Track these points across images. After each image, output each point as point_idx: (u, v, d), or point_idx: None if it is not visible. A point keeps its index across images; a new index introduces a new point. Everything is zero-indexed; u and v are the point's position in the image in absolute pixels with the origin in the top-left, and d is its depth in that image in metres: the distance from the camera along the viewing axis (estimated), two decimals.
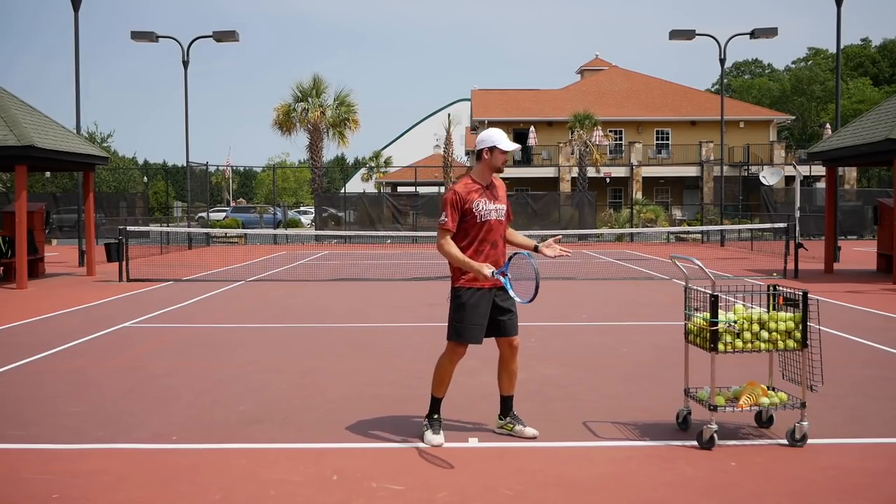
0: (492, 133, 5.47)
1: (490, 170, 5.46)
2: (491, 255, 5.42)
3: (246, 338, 10.03)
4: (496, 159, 5.43)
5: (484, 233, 5.41)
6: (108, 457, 5.24)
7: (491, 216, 5.40)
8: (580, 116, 39.24)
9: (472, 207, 5.36)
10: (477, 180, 5.46)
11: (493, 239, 5.43)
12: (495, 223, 5.42)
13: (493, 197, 5.43)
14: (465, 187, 5.43)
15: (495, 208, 5.42)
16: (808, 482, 4.70)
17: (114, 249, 22.24)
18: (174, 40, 29.51)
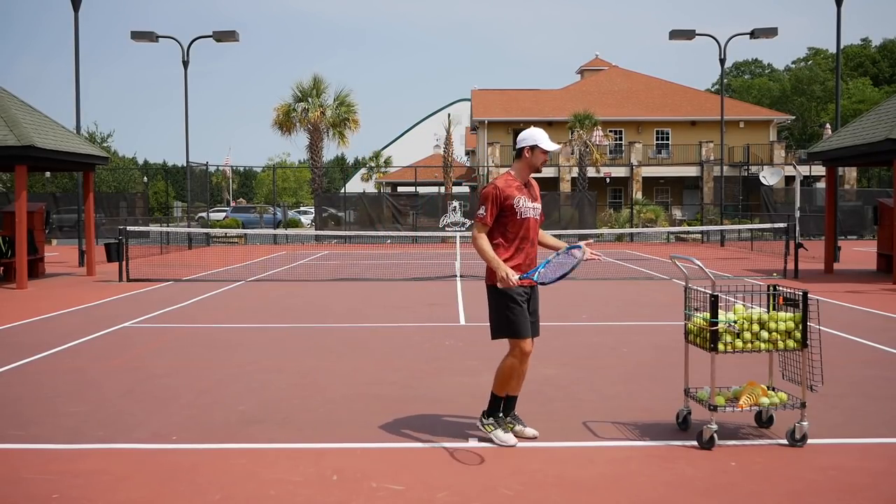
0: (534, 132, 5.44)
1: (529, 168, 5.46)
2: (530, 254, 5.44)
3: (246, 338, 10.03)
4: (536, 158, 5.43)
5: (524, 230, 5.41)
6: (108, 457, 5.24)
7: (529, 214, 5.41)
8: (580, 116, 39.24)
9: (512, 203, 5.35)
10: (516, 177, 5.45)
11: (532, 237, 5.45)
12: (533, 221, 5.44)
13: (530, 195, 5.44)
14: (506, 183, 5.41)
15: (533, 206, 5.43)
16: (808, 482, 4.71)
17: (114, 249, 22.25)
18: (174, 40, 29.53)
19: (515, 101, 49.26)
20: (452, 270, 18.07)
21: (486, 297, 5.46)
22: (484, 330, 10.41)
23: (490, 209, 5.34)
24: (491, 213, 5.35)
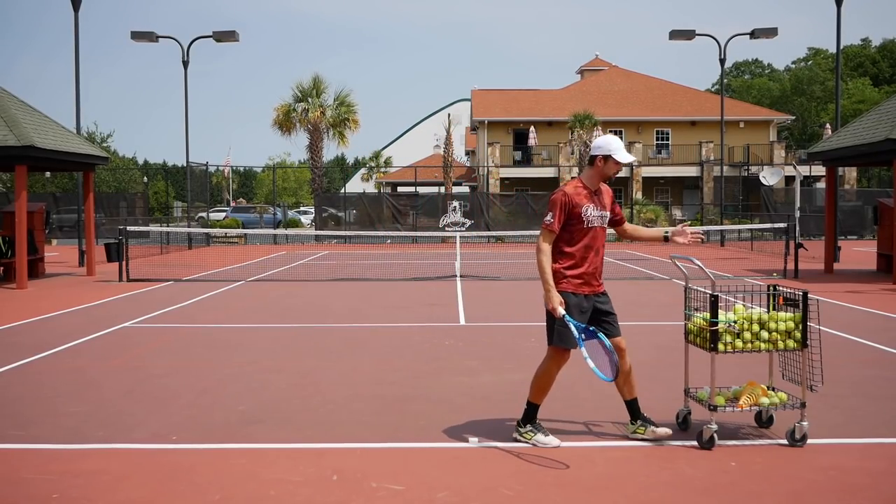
0: (609, 141, 5.37)
1: (600, 177, 5.40)
2: (594, 263, 5.39)
3: (246, 338, 10.03)
4: (609, 168, 5.37)
5: (589, 239, 5.35)
6: (108, 457, 5.24)
7: (596, 223, 5.36)
8: (580, 116, 39.24)
9: (580, 212, 5.29)
10: (586, 184, 5.40)
11: (597, 246, 5.40)
12: (600, 231, 5.40)
13: (599, 203, 5.38)
14: (575, 190, 5.35)
15: (600, 215, 5.38)
16: (808, 482, 4.70)
17: (114, 249, 22.25)
18: (174, 40, 29.53)
19: (515, 101, 49.26)
20: (452, 270, 18.07)
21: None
22: (484, 330, 10.45)
23: (558, 216, 5.29)
24: (559, 219, 5.29)
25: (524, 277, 17.12)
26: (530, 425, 5.46)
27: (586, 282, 5.37)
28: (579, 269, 5.34)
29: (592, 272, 5.39)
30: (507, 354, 8.67)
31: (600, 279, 5.48)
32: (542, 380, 5.44)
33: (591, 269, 5.39)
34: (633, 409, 5.55)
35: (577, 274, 5.34)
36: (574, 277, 5.34)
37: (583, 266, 5.35)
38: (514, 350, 8.94)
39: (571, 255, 5.34)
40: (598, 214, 5.37)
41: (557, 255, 5.36)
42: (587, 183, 5.41)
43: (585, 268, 5.36)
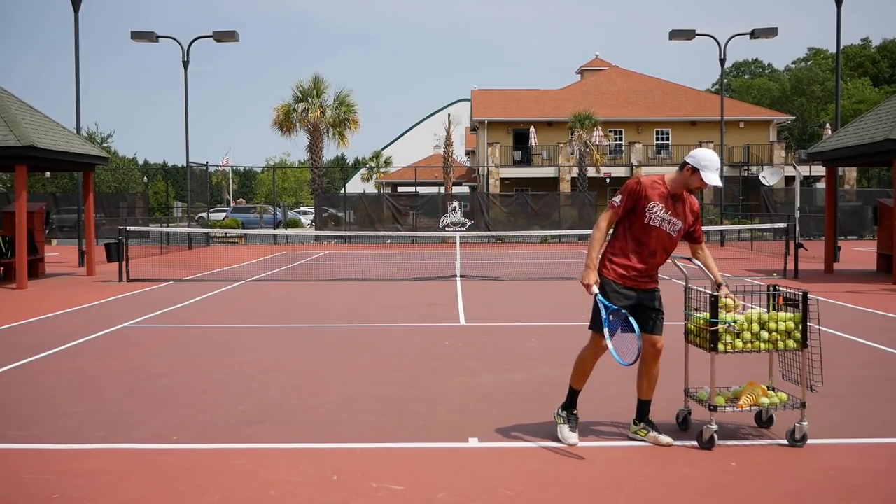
0: (706, 157, 5.30)
1: (682, 184, 5.33)
2: (648, 262, 5.31)
3: (246, 338, 10.03)
4: (692, 181, 5.30)
5: (645, 237, 5.27)
6: (108, 457, 5.24)
7: (661, 224, 5.25)
8: (580, 116, 39.24)
9: (646, 205, 5.24)
10: (667, 185, 5.34)
11: (655, 248, 5.29)
12: (663, 234, 5.27)
13: (672, 208, 5.28)
14: (652, 184, 5.32)
15: (670, 219, 5.26)
16: (808, 482, 4.70)
17: (114, 249, 22.24)
18: (174, 40, 29.52)
19: (515, 101, 49.25)
20: (452, 270, 18.07)
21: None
22: (484, 330, 10.45)
23: (625, 201, 5.27)
24: (625, 204, 5.27)
25: (524, 277, 17.11)
26: (565, 411, 5.49)
27: (633, 278, 5.31)
28: (627, 261, 5.30)
29: (643, 270, 5.31)
30: (507, 354, 8.67)
31: (653, 278, 5.40)
32: (578, 364, 5.50)
33: (643, 267, 5.30)
34: (643, 410, 5.53)
35: (622, 265, 5.30)
36: (619, 267, 5.31)
37: (632, 260, 5.29)
38: (514, 350, 8.94)
39: (623, 246, 5.32)
40: (667, 218, 5.26)
41: (614, 239, 5.38)
42: (669, 184, 5.34)
43: (635, 263, 5.29)
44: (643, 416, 5.52)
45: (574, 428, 5.44)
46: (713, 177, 5.25)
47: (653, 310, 5.38)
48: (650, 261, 5.32)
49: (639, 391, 5.55)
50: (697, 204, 5.49)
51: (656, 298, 5.41)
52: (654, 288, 5.43)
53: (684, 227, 5.36)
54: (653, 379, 5.50)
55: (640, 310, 5.35)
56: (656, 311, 5.40)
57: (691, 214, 5.40)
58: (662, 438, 5.40)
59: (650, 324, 5.37)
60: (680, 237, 5.41)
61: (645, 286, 5.36)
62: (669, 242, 5.33)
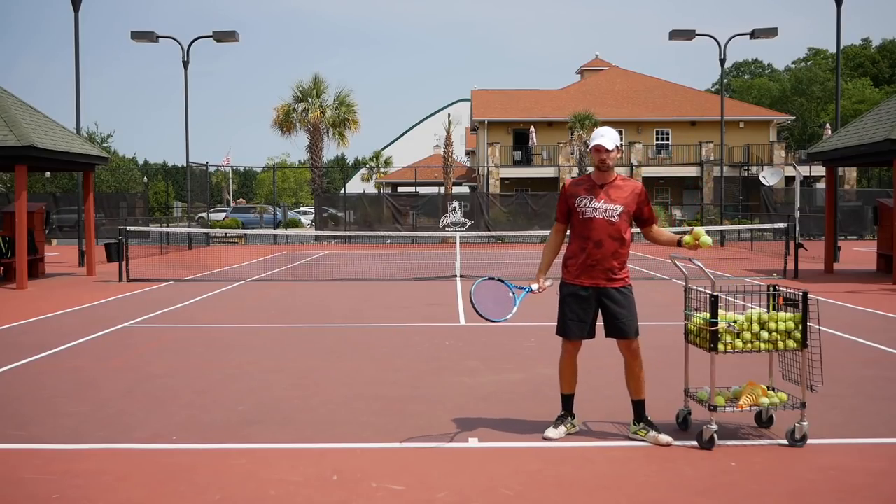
0: (596, 132, 5.46)
1: (596, 168, 5.44)
2: (593, 254, 5.36)
3: (246, 338, 10.03)
4: (595, 157, 5.41)
5: (587, 229, 5.37)
6: (108, 457, 5.24)
7: (595, 214, 5.34)
8: (580, 116, 39.23)
9: (574, 203, 5.41)
10: (592, 177, 5.48)
11: (599, 237, 5.33)
12: (602, 222, 5.33)
13: (605, 195, 5.34)
14: (575, 181, 5.54)
15: (604, 207, 5.33)
16: (808, 482, 4.70)
17: (114, 249, 22.24)
18: (174, 40, 29.52)
19: (515, 101, 49.25)
20: (452, 270, 18.06)
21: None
22: (484, 330, 10.44)
23: (559, 207, 5.55)
24: (560, 210, 5.54)
25: (524, 278, 17.09)
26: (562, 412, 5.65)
27: (584, 272, 5.40)
28: (576, 258, 5.43)
29: (592, 264, 5.37)
30: (507, 354, 8.67)
31: (611, 273, 5.38)
32: (559, 370, 5.67)
33: (590, 260, 5.37)
34: (638, 410, 5.55)
35: (573, 264, 5.45)
36: (572, 266, 5.47)
37: (579, 256, 5.40)
38: (514, 350, 8.94)
39: (573, 246, 5.50)
40: (601, 206, 5.34)
41: (566, 245, 5.57)
42: (593, 176, 5.47)
43: (582, 258, 5.39)
44: (640, 416, 5.54)
45: (557, 425, 5.57)
46: (599, 139, 5.36)
47: (618, 314, 5.39)
48: (597, 251, 5.35)
49: (629, 392, 5.60)
50: (640, 186, 5.49)
51: (620, 301, 5.38)
52: (617, 287, 5.39)
53: (627, 210, 5.37)
54: (637, 378, 5.53)
55: (606, 314, 5.43)
56: (622, 315, 5.39)
57: (633, 196, 5.41)
58: (662, 438, 5.40)
59: (617, 327, 5.42)
60: (627, 222, 5.40)
61: (605, 283, 5.37)
62: (612, 228, 5.34)
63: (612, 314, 5.41)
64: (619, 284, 5.40)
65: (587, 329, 5.47)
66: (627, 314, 5.41)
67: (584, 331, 5.47)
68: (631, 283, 5.50)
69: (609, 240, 5.34)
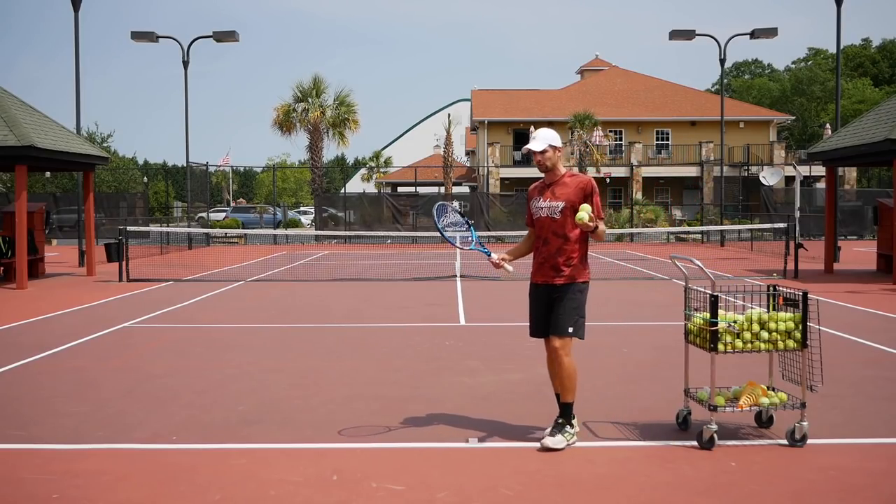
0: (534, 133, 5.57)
1: (543, 168, 5.48)
2: (542, 252, 5.46)
3: (246, 338, 10.03)
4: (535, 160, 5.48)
5: (539, 229, 5.50)
6: (108, 457, 5.24)
7: (541, 213, 5.44)
8: (580, 116, 39.23)
9: (531, 205, 5.56)
10: (544, 179, 5.55)
11: (545, 235, 5.43)
12: (546, 220, 5.42)
13: (550, 195, 5.41)
14: (533, 186, 5.64)
15: (548, 206, 5.41)
16: (808, 482, 4.70)
17: (114, 249, 22.24)
18: (174, 40, 29.52)
19: (515, 101, 49.25)
20: (452, 270, 18.07)
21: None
22: (484, 330, 10.45)
23: (527, 210, 5.63)
24: (527, 213, 5.63)
25: (524, 278, 17.08)
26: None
27: (538, 270, 5.51)
28: (534, 258, 5.55)
29: (542, 262, 5.46)
30: (507, 354, 8.67)
31: (556, 270, 5.37)
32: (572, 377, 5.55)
33: (541, 258, 5.47)
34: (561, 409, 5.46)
35: (533, 263, 5.56)
36: (532, 266, 5.56)
37: (535, 256, 5.53)
38: (514, 350, 8.93)
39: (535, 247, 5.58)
40: (546, 205, 5.42)
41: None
42: (545, 177, 5.55)
43: (537, 258, 5.51)
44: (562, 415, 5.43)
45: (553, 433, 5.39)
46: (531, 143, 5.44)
47: (552, 309, 5.38)
48: (545, 249, 5.44)
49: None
50: (587, 181, 5.41)
51: (563, 294, 5.35)
52: (563, 284, 5.36)
53: (570, 206, 5.32)
54: (557, 377, 5.44)
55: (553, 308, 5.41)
56: (555, 311, 5.35)
57: (578, 191, 5.35)
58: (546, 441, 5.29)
59: (551, 322, 5.39)
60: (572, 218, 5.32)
61: (553, 280, 5.39)
62: (556, 225, 5.38)
63: (552, 309, 5.40)
64: (564, 281, 5.37)
65: (546, 327, 5.46)
66: (563, 311, 5.33)
67: (543, 329, 5.47)
68: (584, 281, 5.42)
69: (553, 236, 5.39)
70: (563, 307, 5.34)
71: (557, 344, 5.35)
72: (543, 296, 5.46)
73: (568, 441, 5.36)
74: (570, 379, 5.41)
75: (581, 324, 5.39)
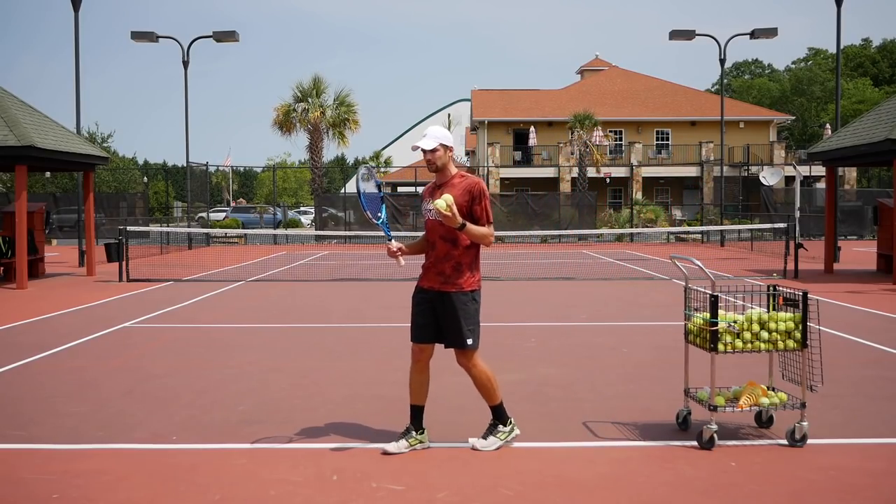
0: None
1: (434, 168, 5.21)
2: (430, 256, 5.26)
3: (246, 338, 10.03)
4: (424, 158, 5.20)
5: (427, 232, 5.27)
6: (108, 457, 5.24)
7: (428, 215, 5.21)
8: (580, 116, 39.22)
9: (423, 207, 5.32)
10: (435, 180, 5.31)
11: (432, 239, 5.21)
12: (434, 224, 5.16)
13: (438, 196, 5.10)
14: (426, 188, 5.38)
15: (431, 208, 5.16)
16: (808, 482, 4.70)
17: (114, 249, 22.24)
18: (174, 40, 29.52)
19: (515, 101, 49.25)
20: None
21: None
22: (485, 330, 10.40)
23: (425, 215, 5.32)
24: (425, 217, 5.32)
25: (524, 277, 17.10)
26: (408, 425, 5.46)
27: (424, 275, 5.33)
28: (424, 262, 5.34)
29: (429, 267, 5.27)
30: (507, 354, 8.67)
31: (443, 277, 5.18)
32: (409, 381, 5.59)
33: (428, 263, 5.27)
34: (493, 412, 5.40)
35: (422, 266, 5.36)
36: (421, 270, 5.38)
37: (425, 260, 5.32)
38: (514, 350, 8.93)
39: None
40: (432, 207, 5.13)
41: None
42: (436, 178, 5.30)
43: (425, 262, 5.32)
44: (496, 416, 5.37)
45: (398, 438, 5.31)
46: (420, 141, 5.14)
47: (445, 320, 5.22)
48: (432, 253, 5.23)
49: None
50: (475, 183, 5.14)
51: (448, 309, 5.19)
52: (450, 292, 5.17)
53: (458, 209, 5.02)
54: (481, 387, 5.36)
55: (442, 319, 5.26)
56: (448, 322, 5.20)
57: (465, 194, 5.08)
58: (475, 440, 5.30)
59: (446, 336, 5.25)
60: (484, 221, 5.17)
61: (439, 287, 5.19)
62: (441, 228, 5.12)
63: (442, 321, 5.23)
64: (452, 289, 5.15)
65: (430, 333, 5.31)
66: (458, 324, 5.16)
67: (427, 335, 5.31)
68: (473, 290, 5.21)
69: (441, 241, 5.15)
70: (457, 320, 5.16)
71: (461, 359, 5.28)
72: (429, 302, 5.27)
73: (503, 440, 5.29)
74: (487, 386, 5.30)
75: (477, 333, 5.25)
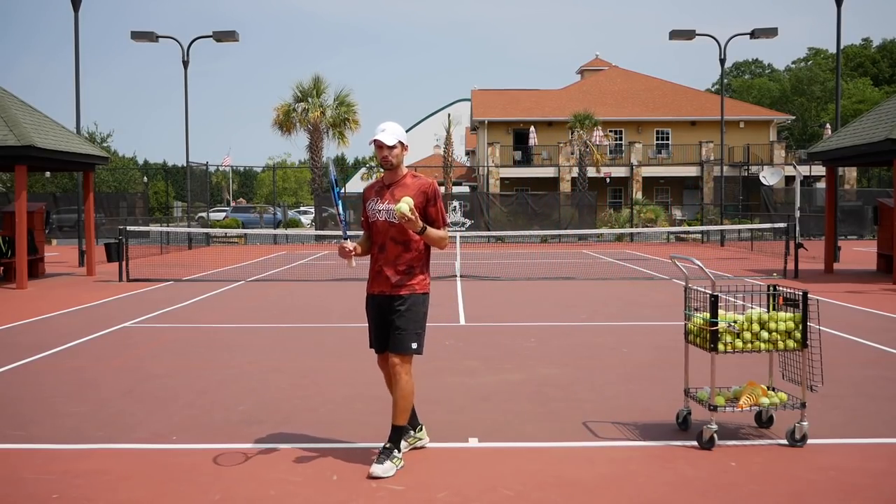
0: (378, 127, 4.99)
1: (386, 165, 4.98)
2: (379, 259, 5.06)
3: (246, 338, 10.03)
4: (376, 154, 4.96)
5: (374, 234, 5.08)
6: (108, 457, 5.24)
7: (378, 216, 5.00)
8: (580, 116, 39.23)
9: (366, 207, 5.10)
10: (383, 178, 5.09)
11: (382, 241, 5.01)
12: (384, 224, 4.97)
13: (390, 197, 4.94)
14: (369, 186, 5.18)
15: (385, 208, 4.95)
16: (808, 482, 4.70)
17: (114, 249, 22.25)
18: (174, 40, 29.52)
19: (515, 101, 49.25)
20: (452, 270, 18.06)
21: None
22: (484, 330, 10.45)
23: (362, 212, 5.14)
24: (362, 215, 5.15)
25: (524, 277, 17.10)
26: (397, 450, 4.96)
27: (373, 279, 5.11)
28: (371, 266, 5.14)
29: (378, 271, 5.05)
30: (507, 354, 8.67)
31: (394, 280, 4.98)
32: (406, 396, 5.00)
33: (377, 267, 5.05)
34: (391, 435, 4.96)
35: (369, 271, 5.17)
36: (369, 274, 5.18)
37: (373, 264, 5.10)
38: (514, 350, 8.93)
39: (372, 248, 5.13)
40: (382, 208, 4.96)
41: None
42: (384, 176, 5.07)
43: (373, 265, 5.09)
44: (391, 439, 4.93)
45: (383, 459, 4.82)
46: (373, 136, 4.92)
47: (392, 324, 4.97)
48: (381, 256, 5.02)
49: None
50: (430, 184, 4.98)
51: (400, 310, 4.94)
52: (400, 295, 4.97)
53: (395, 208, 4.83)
54: (396, 394, 4.92)
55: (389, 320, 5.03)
56: (396, 327, 4.94)
57: (419, 195, 4.91)
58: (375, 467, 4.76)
59: (390, 338, 4.97)
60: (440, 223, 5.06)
61: (390, 291, 4.99)
62: (394, 230, 4.93)
63: (391, 324, 4.99)
64: (405, 292, 4.96)
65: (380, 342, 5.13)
66: (404, 326, 4.92)
67: (377, 343, 5.15)
68: (424, 293, 5.04)
69: (391, 243, 4.96)
70: (403, 322, 4.93)
71: (397, 361, 4.91)
72: (380, 307, 5.07)
73: (397, 466, 4.84)
74: (405, 399, 4.91)
75: (422, 339, 5.01)
